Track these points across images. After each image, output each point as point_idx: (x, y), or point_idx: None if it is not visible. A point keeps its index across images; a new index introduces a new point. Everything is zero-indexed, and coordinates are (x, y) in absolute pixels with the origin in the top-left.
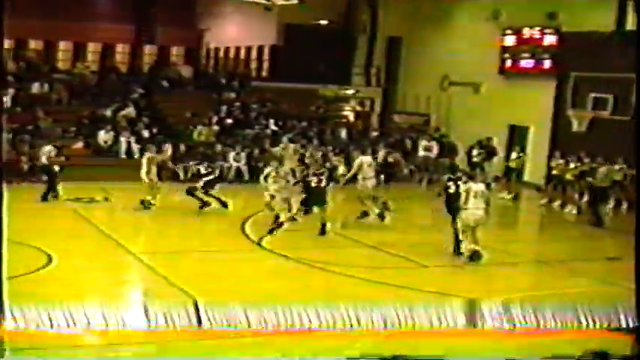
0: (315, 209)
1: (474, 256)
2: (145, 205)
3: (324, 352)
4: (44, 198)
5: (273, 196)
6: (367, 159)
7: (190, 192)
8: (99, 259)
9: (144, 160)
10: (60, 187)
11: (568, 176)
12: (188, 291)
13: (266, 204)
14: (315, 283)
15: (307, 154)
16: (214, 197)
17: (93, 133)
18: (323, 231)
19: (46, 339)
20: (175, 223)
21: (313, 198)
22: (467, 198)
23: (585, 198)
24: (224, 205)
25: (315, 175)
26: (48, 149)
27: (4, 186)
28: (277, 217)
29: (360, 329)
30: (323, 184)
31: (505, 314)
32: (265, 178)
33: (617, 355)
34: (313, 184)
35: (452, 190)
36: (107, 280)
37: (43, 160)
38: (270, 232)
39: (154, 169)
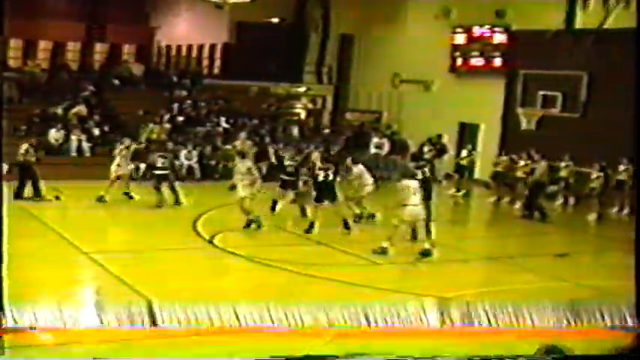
0: (327, 204)
1: (425, 253)
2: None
3: (276, 352)
4: (18, 195)
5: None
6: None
7: (157, 187)
8: (50, 259)
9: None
10: (8, 185)
11: (519, 173)
12: (140, 290)
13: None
14: (268, 281)
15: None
16: (174, 192)
17: (44, 131)
18: (346, 226)
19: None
20: (127, 221)
21: (324, 193)
22: (405, 195)
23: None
24: (177, 202)
25: (321, 169)
26: (25, 147)
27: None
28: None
29: (312, 328)
30: (330, 177)
31: (460, 312)
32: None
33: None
34: (320, 179)
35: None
36: (59, 280)
37: (20, 157)
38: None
39: (124, 163)
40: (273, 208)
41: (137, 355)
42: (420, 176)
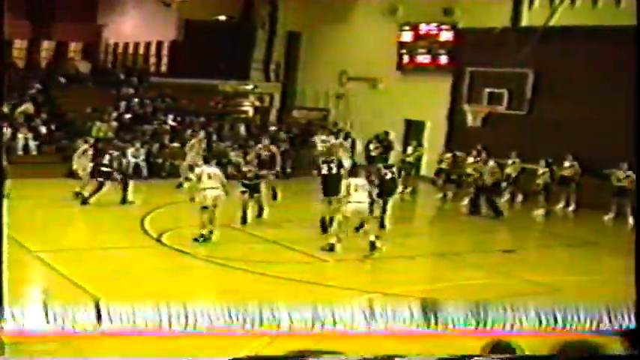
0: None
1: (372, 247)
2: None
3: (219, 352)
4: None
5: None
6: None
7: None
8: None
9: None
10: None
11: (469, 170)
12: (88, 289)
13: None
14: (215, 279)
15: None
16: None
17: None
18: (361, 224)
19: None
20: (75, 219)
21: (330, 188)
22: (348, 191)
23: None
24: (123, 200)
25: (325, 162)
26: None
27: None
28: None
29: (260, 326)
30: (334, 171)
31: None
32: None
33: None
34: (324, 172)
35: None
36: (5, 280)
37: None
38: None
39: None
40: (244, 220)
41: (83, 355)
42: (389, 176)
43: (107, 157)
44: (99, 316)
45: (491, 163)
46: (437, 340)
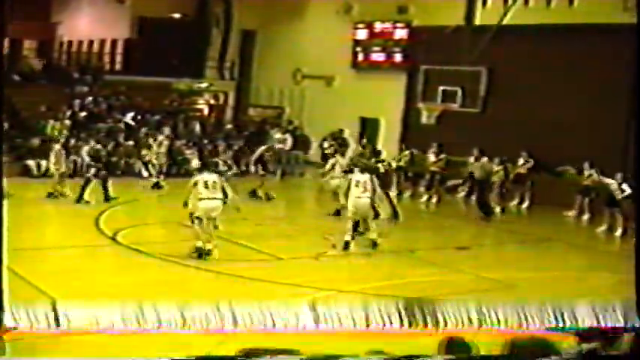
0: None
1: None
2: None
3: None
4: None
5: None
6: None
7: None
8: None
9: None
10: None
11: (433, 168)
12: (43, 289)
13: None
14: (170, 277)
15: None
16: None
17: None
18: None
19: None
20: (29, 218)
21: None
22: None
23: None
24: (79, 199)
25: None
26: None
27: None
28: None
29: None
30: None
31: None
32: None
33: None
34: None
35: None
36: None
37: None
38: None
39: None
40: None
41: (39, 355)
42: (381, 170)
43: (85, 150)
44: (56, 317)
45: (484, 160)
46: (390, 338)
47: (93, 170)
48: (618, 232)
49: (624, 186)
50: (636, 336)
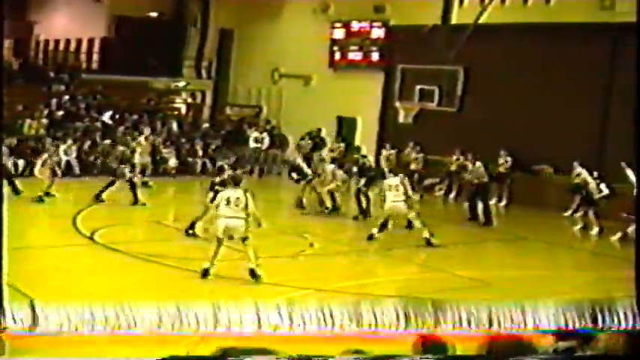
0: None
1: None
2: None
3: (149, 351)
4: None
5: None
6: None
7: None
8: None
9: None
10: None
11: (413, 166)
12: (21, 289)
13: None
14: (149, 277)
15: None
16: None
17: None
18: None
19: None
20: (5, 217)
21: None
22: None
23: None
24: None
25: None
26: None
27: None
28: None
29: (192, 325)
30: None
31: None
32: None
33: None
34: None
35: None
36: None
37: None
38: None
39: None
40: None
41: (15, 356)
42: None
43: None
44: (34, 317)
45: (478, 164)
46: (367, 337)
47: (127, 173)
48: (594, 231)
49: (602, 186)
50: (636, 336)
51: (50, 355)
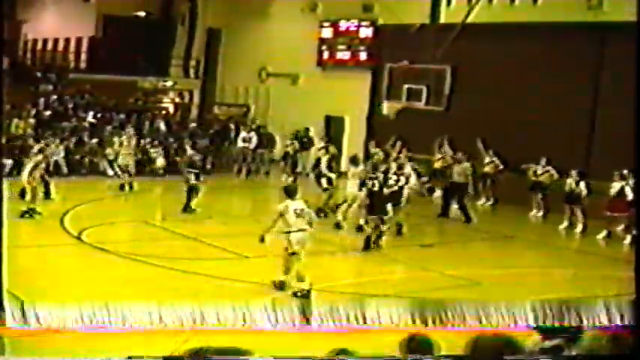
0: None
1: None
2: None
3: (136, 349)
4: None
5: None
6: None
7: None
8: None
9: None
10: None
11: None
12: (7, 287)
13: None
14: (137, 276)
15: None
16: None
17: None
18: (399, 231)
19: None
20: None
21: (391, 198)
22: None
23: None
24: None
25: (371, 179)
26: None
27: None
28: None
29: (180, 324)
30: (401, 183)
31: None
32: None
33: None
34: (370, 188)
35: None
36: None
37: None
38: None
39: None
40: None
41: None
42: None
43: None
44: (23, 316)
45: (466, 164)
46: (355, 335)
47: (193, 177)
48: (578, 229)
49: (582, 185)
50: (620, 335)
51: (39, 354)
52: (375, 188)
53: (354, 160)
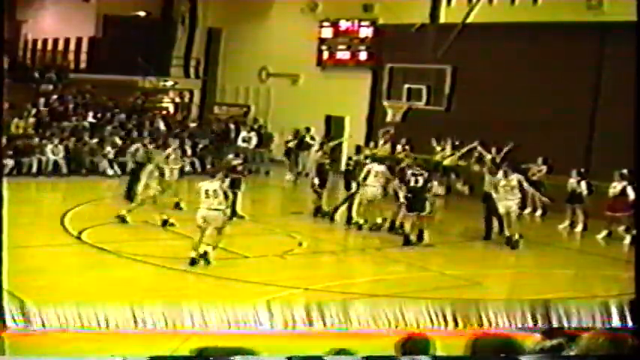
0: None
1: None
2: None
3: (133, 350)
4: None
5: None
6: (380, 167)
7: None
8: None
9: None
10: None
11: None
12: (7, 287)
13: None
14: (137, 276)
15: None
16: None
17: None
18: (420, 237)
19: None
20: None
21: (415, 202)
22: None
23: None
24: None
25: (414, 175)
26: None
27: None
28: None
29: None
30: (420, 184)
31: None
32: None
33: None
34: (411, 185)
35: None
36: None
37: None
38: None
39: None
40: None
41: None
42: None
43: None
44: (25, 316)
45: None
46: (351, 336)
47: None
48: (579, 228)
49: (583, 185)
50: (619, 335)
51: (39, 354)
52: (419, 184)
53: (377, 159)
